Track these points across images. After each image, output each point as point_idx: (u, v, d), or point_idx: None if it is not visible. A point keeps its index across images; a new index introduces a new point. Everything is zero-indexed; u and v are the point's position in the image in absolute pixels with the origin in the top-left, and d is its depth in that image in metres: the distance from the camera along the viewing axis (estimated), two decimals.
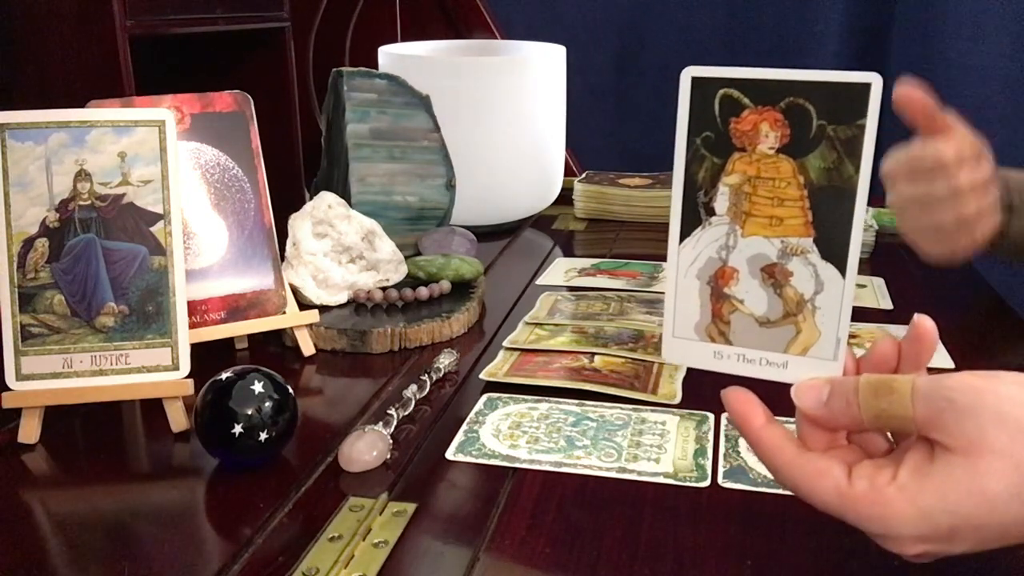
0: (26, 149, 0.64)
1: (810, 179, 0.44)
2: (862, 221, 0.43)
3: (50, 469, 0.62)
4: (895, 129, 0.73)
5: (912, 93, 0.69)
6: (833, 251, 0.44)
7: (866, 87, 0.42)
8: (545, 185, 1.24)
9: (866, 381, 0.42)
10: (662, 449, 0.62)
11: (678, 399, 0.69)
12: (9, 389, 0.63)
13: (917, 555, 0.41)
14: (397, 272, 0.90)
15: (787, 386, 0.45)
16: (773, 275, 0.45)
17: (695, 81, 0.45)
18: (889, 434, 0.45)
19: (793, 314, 0.45)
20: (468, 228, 1.01)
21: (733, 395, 0.45)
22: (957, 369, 0.64)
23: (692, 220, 0.47)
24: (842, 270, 0.44)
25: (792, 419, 0.45)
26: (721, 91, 0.45)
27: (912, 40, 1.47)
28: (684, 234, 0.47)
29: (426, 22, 1.42)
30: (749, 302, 0.46)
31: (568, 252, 1.12)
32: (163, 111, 0.67)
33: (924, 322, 0.43)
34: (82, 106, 0.68)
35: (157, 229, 0.66)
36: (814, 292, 0.45)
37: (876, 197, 0.55)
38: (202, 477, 0.59)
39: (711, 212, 0.46)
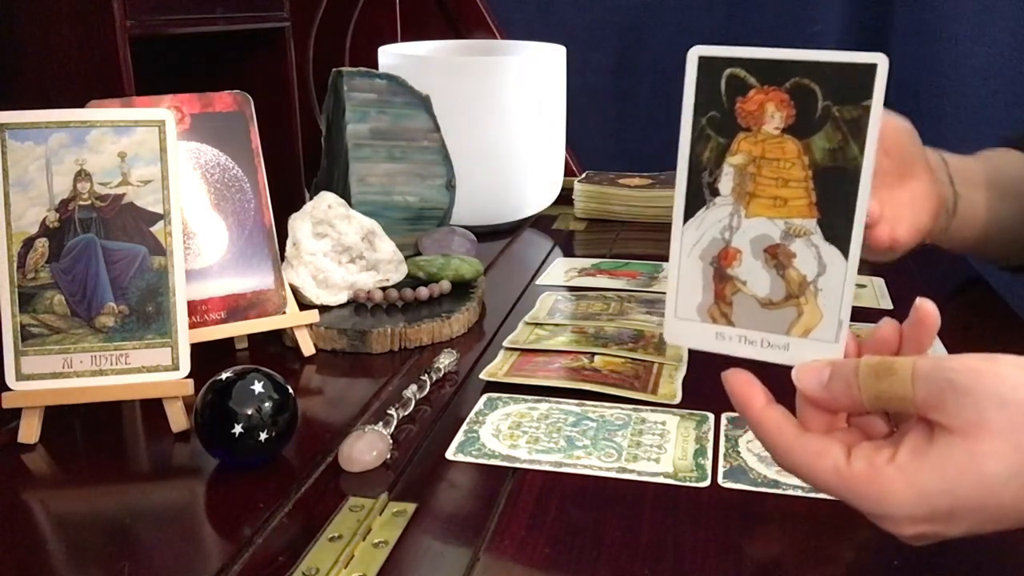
0: (26, 149, 0.64)
1: (815, 160, 0.44)
2: (866, 203, 0.43)
3: (50, 469, 0.62)
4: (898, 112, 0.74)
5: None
6: (836, 233, 0.44)
7: (872, 67, 0.42)
8: (545, 185, 1.24)
9: (867, 363, 0.42)
10: (662, 449, 0.62)
11: (678, 399, 0.69)
12: (9, 389, 0.63)
13: (914, 536, 0.41)
14: (397, 272, 0.90)
15: (788, 369, 0.45)
16: (776, 256, 0.45)
17: (702, 60, 0.45)
18: (890, 417, 0.45)
19: (795, 296, 0.45)
20: (468, 228, 1.01)
21: (734, 377, 0.45)
22: None
23: (696, 200, 0.46)
24: (845, 252, 0.44)
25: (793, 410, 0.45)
26: (727, 71, 0.44)
27: (912, 40, 1.47)
28: (688, 214, 0.47)
29: (426, 22, 1.42)
30: (752, 283, 0.46)
31: (568, 252, 1.12)
32: (163, 111, 0.67)
33: (926, 306, 0.44)
34: (82, 106, 0.68)
35: (157, 229, 0.66)
36: (817, 274, 0.45)
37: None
38: (202, 477, 0.59)
39: (715, 192, 0.46)
